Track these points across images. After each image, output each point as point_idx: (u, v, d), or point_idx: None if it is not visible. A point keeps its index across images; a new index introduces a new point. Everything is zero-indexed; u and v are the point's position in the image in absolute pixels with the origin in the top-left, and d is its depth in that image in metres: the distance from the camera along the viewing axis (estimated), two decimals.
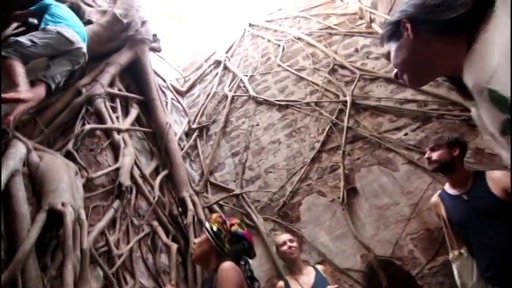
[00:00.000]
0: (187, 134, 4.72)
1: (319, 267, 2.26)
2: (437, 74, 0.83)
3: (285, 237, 2.35)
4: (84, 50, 2.51)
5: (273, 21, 5.81)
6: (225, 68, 5.50)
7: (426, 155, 2.00)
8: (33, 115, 2.79)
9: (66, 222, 1.68)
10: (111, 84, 3.35)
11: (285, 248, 2.24)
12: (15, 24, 2.76)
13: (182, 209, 3.18)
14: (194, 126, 4.75)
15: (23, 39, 2.12)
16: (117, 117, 3.15)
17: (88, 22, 3.45)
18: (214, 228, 1.32)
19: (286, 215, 3.23)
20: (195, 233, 2.81)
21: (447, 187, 1.94)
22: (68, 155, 2.51)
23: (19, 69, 2.05)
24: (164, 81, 5.00)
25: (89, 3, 3.82)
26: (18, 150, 1.87)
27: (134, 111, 3.46)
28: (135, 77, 3.77)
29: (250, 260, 1.32)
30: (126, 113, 3.42)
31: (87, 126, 2.73)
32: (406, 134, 3.16)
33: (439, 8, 0.68)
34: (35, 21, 2.56)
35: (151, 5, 5.41)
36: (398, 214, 2.71)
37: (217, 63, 5.70)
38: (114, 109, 3.21)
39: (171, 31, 6.32)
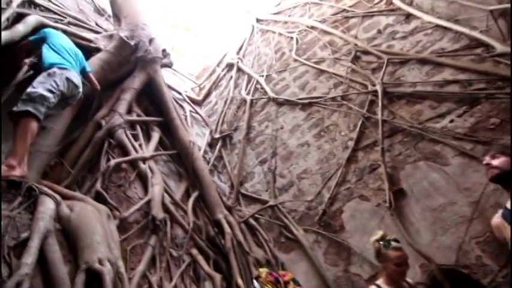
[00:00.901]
0: (211, 145, 4.60)
1: (410, 281, 2.02)
2: None
3: (401, 255, 1.90)
4: (82, 92, 2.42)
5: (281, 12, 5.48)
6: (239, 70, 5.29)
7: (485, 161, 1.72)
8: (58, 156, 2.77)
9: (105, 282, 1.58)
10: (129, 111, 3.27)
11: (399, 269, 1.88)
12: (25, 68, 2.70)
13: (218, 229, 3.07)
14: (217, 136, 4.61)
15: (44, 91, 2.03)
16: (140, 145, 3.07)
17: (96, 50, 3.36)
18: None
19: (328, 225, 3.03)
20: (236, 258, 2.69)
21: (510, 205, 1.65)
22: (98, 196, 2.45)
23: (33, 137, 1.97)
24: (180, 93, 4.89)
25: (95, 29, 3.73)
26: (48, 208, 1.80)
27: (156, 135, 3.37)
28: (151, 98, 3.67)
29: None
30: (148, 138, 3.33)
31: (112, 162, 2.66)
32: (452, 121, 2.82)
33: None
34: (33, 59, 2.50)
35: (156, 18, 5.26)
36: (458, 215, 2.43)
37: (230, 66, 5.49)
38: (135, 137, 3.13)
39: (179, 40, 6.17)
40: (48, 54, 2.29)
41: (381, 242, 1.97)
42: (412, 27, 3.57)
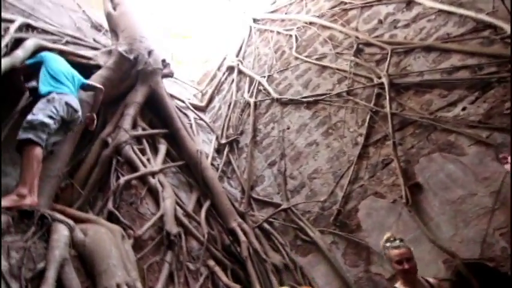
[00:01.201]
0: (218, 151, 4.57)
1: (432, 280, 1.97)
2: None
3: (400, 253, 1.86)
4: (81, 117, 2.40)
5: (278, 10, 5.40)
6: (240, 72, 5.24)
7: (510, 161, 1.65)
8: (68, 178, 2.77)
9: None
10: (134, 125, 3.26)
11: (401, 267, 1.85)
12: (27, 93, 2.69)
13: (233, 238, 3.03)
14: (223, 141, 4.58)
15: (44, 118, 2.02)
16: (148, 159, 3.05)
17: (96, 67, 3.35)
18: None
19: (345, 225, 2.97)
20: (253, 267, 2.65)
21: None
22: (111, 215, 2.44)
23: (39, 163, 1.96)
24: (183, 101, 4.87)
25: (94, 45, 3.73)
26: (62, 235, 1.79)
27: (163, 147, 3.35)
28: (155, 110, 3.66)
29: None
30: (155, 151, 3.31)
31: (122, 180, 2.65)
32: (464, 109, 2.73)
33: None
34: (34, 83, 2.49)
35: (153, 28, 5.24)
36: (478, 206, 2.34)
37: (230, 69, 5.45)
38: (142, 151, 3.11)
39: (177, 48, 6.15)
40: (45, 81, 2.28)
41: (385, 244, 1.95)
42: (414, 14, 3.46)
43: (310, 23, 4.56)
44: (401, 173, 2.74)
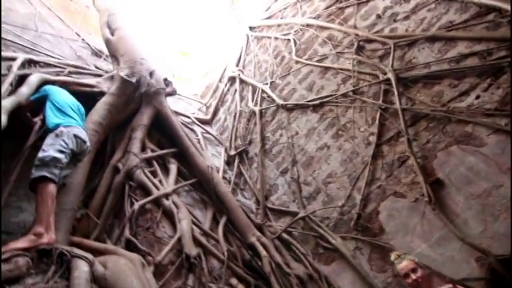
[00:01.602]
0: (228, 163, 4.53)
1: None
2: None
3: (405, 267, 1.97)
4: (90, 147, 2.40)
5: (273, 16, 5.40)
6: (242, 82, 5.22)
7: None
8: (83, 207, 2.77)
9: None
10: (143, 148, 3.25)
11: (409, 281, 1.94)
12: (36, 127, 2.71)
13: (253, 253, 2.97)
14: (232, 152, 4.55)
15: (55, 153, 2.02)
16: (160, 181, 3.03)
17: (100, 93, 3.37)
18: None
19: (367, 229, 2.87)
20: (277, 282, 2.58)
21: None
22: (129, 243, 2.41)
23: (54, 199, 1.95)
24: (188, 117, 4.86)
25: (96, 72, 3.76)
26: (82, 271, 1.76)
27: (173, 167, 3.33)
28: (162, 130, 3.65)
29: None
30: (166, 171, 3.30)
31: (136, 205, 2.63)
32: (478, 97, 2.63)
33: None
34: (38, 121, 2.51)
35: (152, 48, 5.28)
36: (506, 198, 2.23)
37: (232, 79, 5.44)
38: (154, 173, 3.10)
39: (177, 64, 6.18)
40: (52, 115, 2.29)
41: (393, 263, 2.07)
42: (413, 5, 3.39)
43: (307, 25, 4.53)
44: (419, 170, 2.64)
